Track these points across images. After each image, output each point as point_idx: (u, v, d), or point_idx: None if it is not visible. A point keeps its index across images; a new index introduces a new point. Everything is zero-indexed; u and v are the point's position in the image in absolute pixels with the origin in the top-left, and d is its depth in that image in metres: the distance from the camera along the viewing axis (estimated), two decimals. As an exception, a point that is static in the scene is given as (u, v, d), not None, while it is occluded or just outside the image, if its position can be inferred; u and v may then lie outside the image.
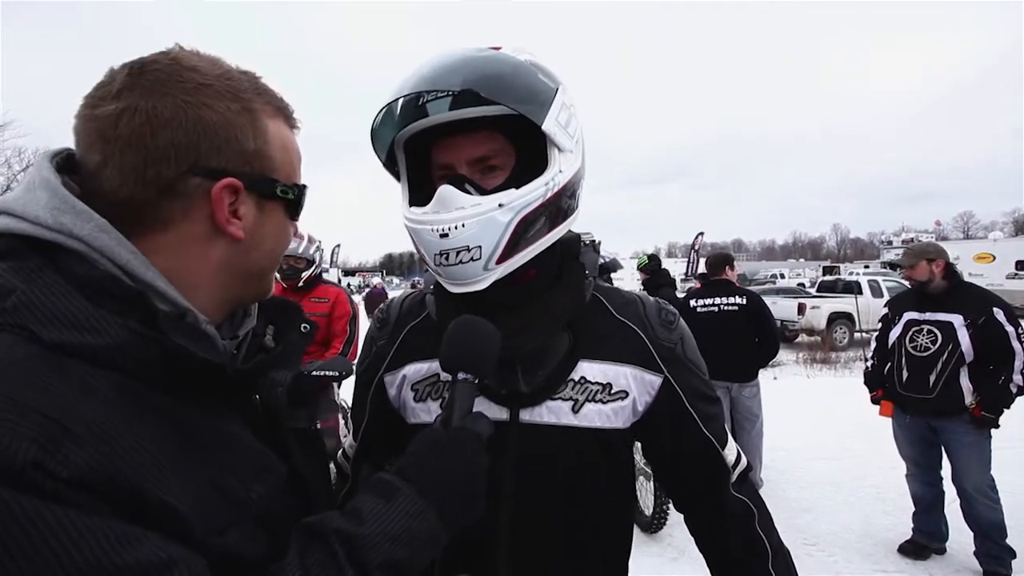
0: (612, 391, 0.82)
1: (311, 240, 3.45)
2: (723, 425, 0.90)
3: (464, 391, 0.70)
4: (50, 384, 0.45)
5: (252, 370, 0.61)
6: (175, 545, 0.46)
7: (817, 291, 14.46)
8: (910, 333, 3.11)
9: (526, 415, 0.80)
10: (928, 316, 3.05)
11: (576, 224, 0.87)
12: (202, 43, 0.61)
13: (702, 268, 5.97)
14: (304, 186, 0.66)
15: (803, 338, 12.28)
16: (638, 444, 0.91)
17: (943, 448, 3.09)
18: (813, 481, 4.30)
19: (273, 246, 0.64)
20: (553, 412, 0.81)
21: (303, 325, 0.75)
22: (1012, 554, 2.93)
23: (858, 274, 16.43)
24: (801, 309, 11.85)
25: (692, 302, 4.08)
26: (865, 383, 3.47)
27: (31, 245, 0.51)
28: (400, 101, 0.79)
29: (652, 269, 5.21)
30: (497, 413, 0.80)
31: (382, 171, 0.89)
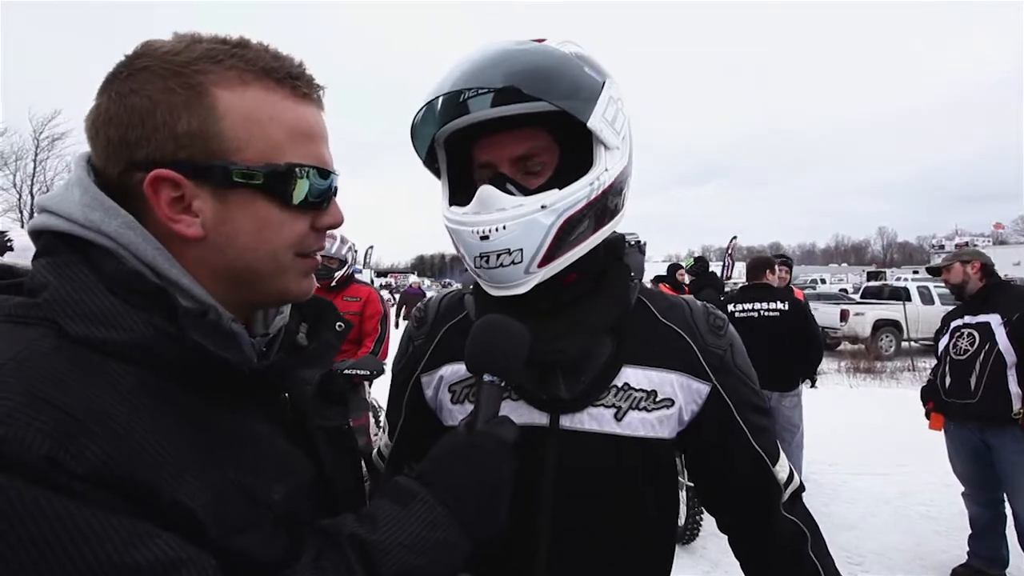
0: (657, 399, 0.78)
1: (343, 240, 3.51)
2: (775, 440, 0.84)
3: (489, 394, 0.67)
4: (70, 379, 0.45)
5: (267, 369, 0.58)
6: (186, 545, 0.45)
7: (861, 297, 13.83)
8: (955, 338, 3.04)
9: (567, 421, 0.77)
10: (968, 319, 3.00)
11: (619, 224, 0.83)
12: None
13: (738, 272, 5.80)
14: (296, 166, 0.55)
15: (846, 346, 11.76)
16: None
17: (998, 461, 2.90)
18: (858, 496, 4.09)
19: (255, 242, 0.55)
20: (595, 419, 0.77)
21: (338, 324, 0.73)
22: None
23: (906, 280, 15.63)
24: (844, 316, 11.35)
25: (730, 307, 3.96)
26: (920, 397, 3.32)
27: (67, 242, 0.52)
28: (441, 98, 0.76)
29: (697, 271, 5.15)
30: (537, 418, 0.78)
31: (413, 173, 0.87)
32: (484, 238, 0.71)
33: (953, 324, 3.09)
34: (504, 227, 0.70)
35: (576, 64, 0.73)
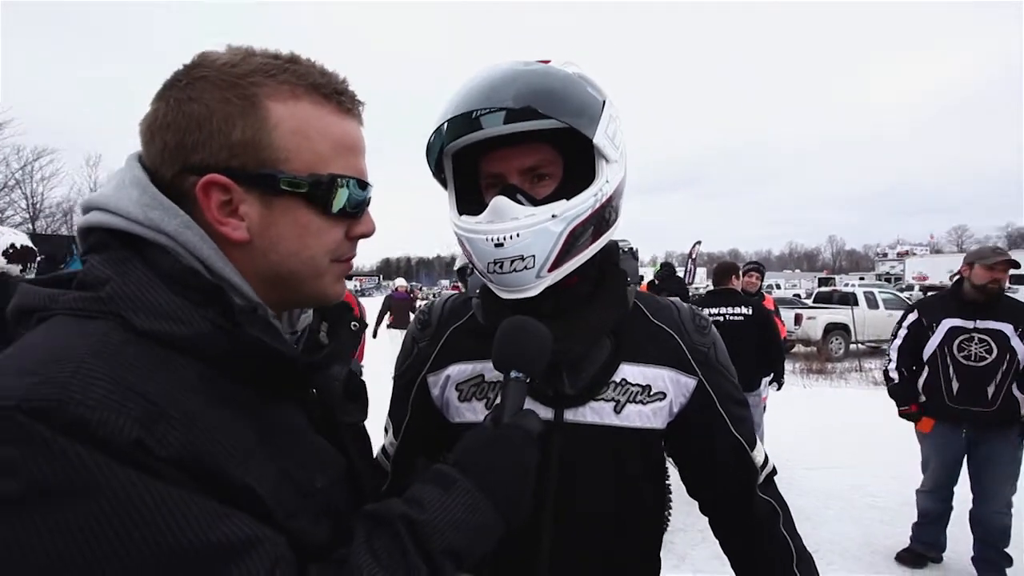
0: (651, 392, 0.86)
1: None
2: (752, 429, 0.94)
3: (516, 389, 0.71)
4: (146, 369, 0.47)
5: (320, 362, 0.62)
6: (259, 524, 0.48)
7: (813, 302, 14.53)
8: (958, 341, 2.93)
9: (570, 415, 0.84)
10: (979, 324, 2.89)
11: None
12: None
13: (699, 277, 6.04)
14: (337, 176, 0.58)
15: (799, 348, 12.35)
16: None
17: (978, 463, 2.99)
18: (811, 490, 4.34)
19: (297, 247, 0.58)
20: (596, 412, 0.84)
21: (352, 323, 0.77)
22: (1009, 561, 2.97)
23: (854, 285, 16.54)
24: (798, 319, 11.92)
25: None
26: (892, 396, 3.24)
27: (119, 239, 0.54)
28: (458, 115, 0.80)
29: (664, 276, 5.36)
30: (543, 413, 0.83)
31: (377, 177, 0.89)
32: (499, 245, 0.76)
33: (950, 324, 2.96)
34: (518, 235, 0.75)
35: (580, 84, 0.78)
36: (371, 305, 11.03)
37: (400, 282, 11.12)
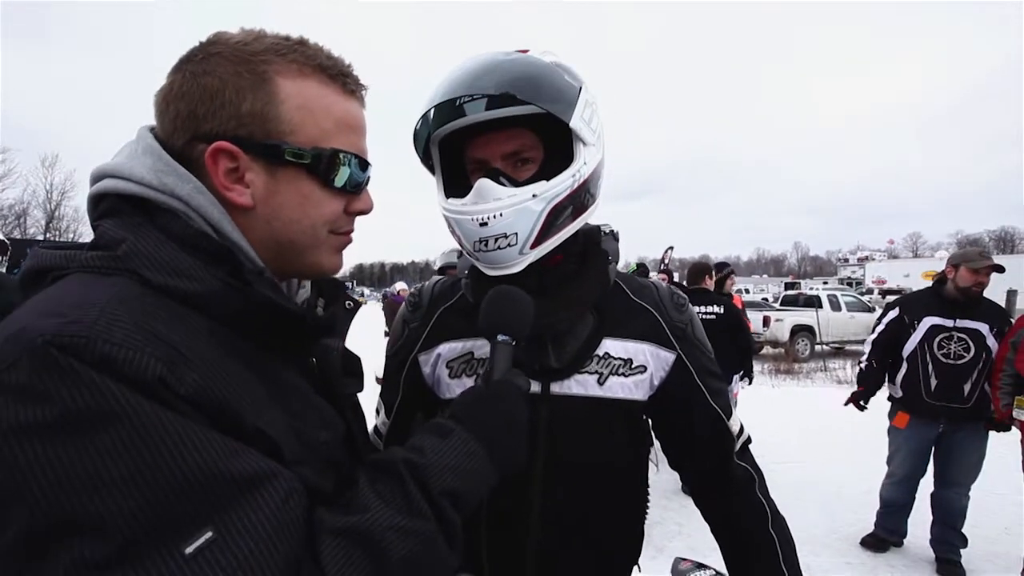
0: (632, 366, 0.91)
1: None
2: (727, 399, 1.00)
3: (503, 351, 0.75)
4: (164, 317, 0.50)
5: (326, 321, 0.64)
6: (272, 462, 0.50)
7: (780, 305, 15.01)
8: (937, 340, 3.04)
9: (556, 388, 0.88)
10: (958, 323, 3.01)
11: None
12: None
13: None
14: (338, 151, 0.61)
15: (768, 350, 12.74)
16: None
17: (944, 452, 3.12)
18: (781, 483, 4.48)
19: (298, 216, 0.60)
20: (581, 384, 0.89)
21: (347, 303, 0.79)
22: (964, 542, 3.15)
23: (818, 289, 17.16)
24: (766, 322, 12.30)
25: None
26: (859, 382, 3.41)
27: (131, 204, 0.56)
28: (443, 103, 0.84)
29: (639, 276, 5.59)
30: (531, 387, 0.87)
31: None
32: (483, 224, 0.80)
33: (931, 322, 3.06)
34: (501, 214, 0.79)
35: (557, 71, 0.82)
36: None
37: (401, 286, 10.77)
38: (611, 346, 0.91)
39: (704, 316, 4.12)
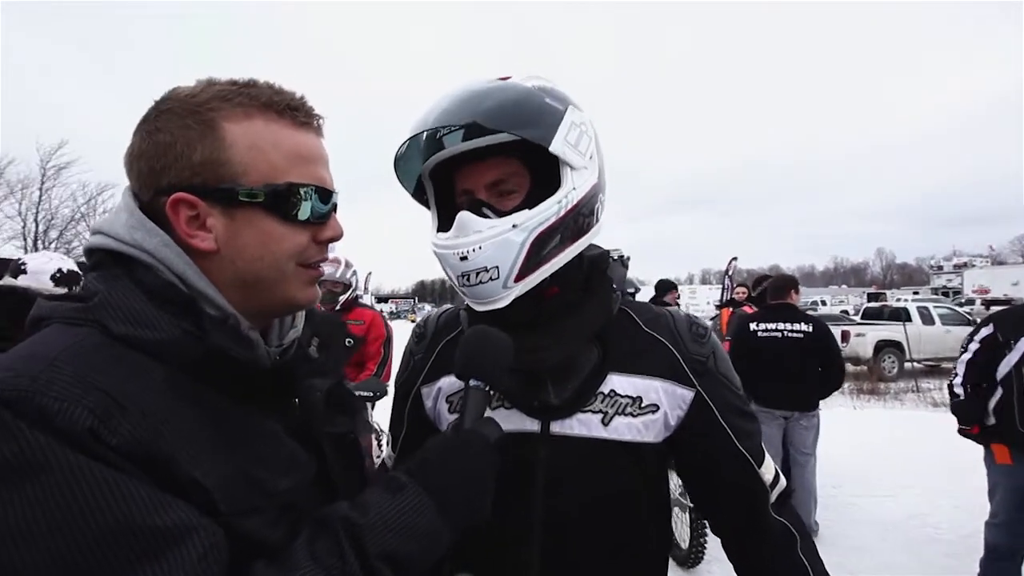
0: (642, 404, 0.82)
1: (348, 265, 3.57)
2: (760, 443, 0.88)
3: (475, 397, 0.72)
4: (111, 368, 0.52)
5: (275, 369, 0.64)
6: (200, 514, 0.51)
7: (862, 318, 13.83)
8: None
9: (556, 427, 0.82)
10: None
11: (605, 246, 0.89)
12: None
13: (738, 292, 5.87)
14: (292, 184, 0.62)
15: (848, 367, 11.72)
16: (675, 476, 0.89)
17: None
18: (864, 519, 4.05)
19: (260, 253, 0.62)
20: (584, 424, 0.81)
21: (348, 340, 0.80)
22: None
23: (906, 300, 15.67)
24: (845, 337, 11.34)
25: (752, 325, 3.90)
26: (955, 413, 2.97)
27: (114, 258, 0.60)
28: (420, 136, 0.84)
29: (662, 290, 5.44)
30: (529, 425, 0.82)
31: (412, 200, 0.94)
32: (463, 259, 0.77)
33: None
34: (480, 247, 0.76)
35: (537, 96, 0.79)
36: (406, 329, 11.11)
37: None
38: (618, 382, 0.83)
39: (790, 334, 3.76)
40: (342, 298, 3.49)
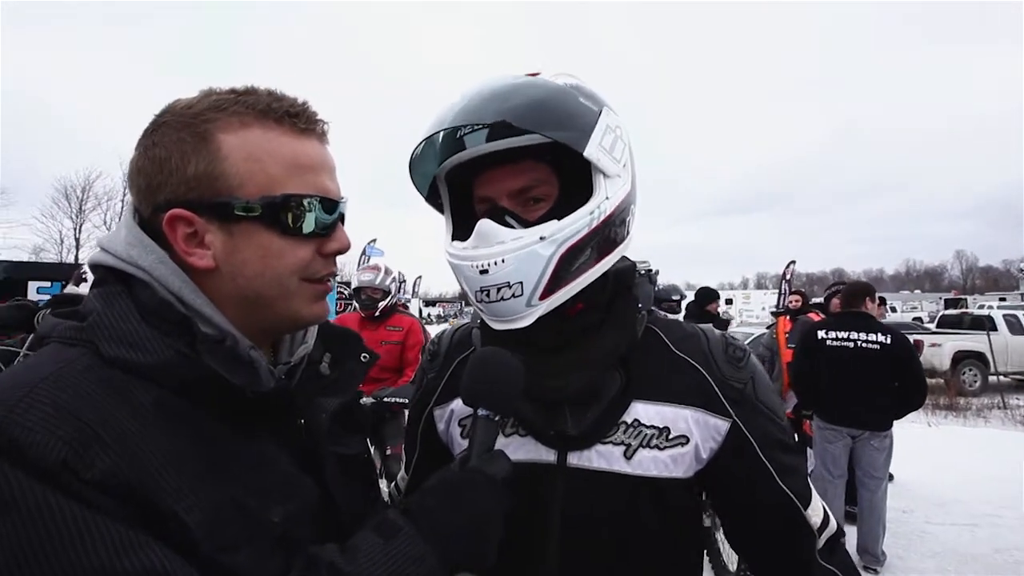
0: (670, 436, 0.74)
1: (387, 271, 3.62)
2: (806, 481, 0.78)
3: (484, 428, 0.67)
4: (95, 395, 0.50)
5: (270, 394, 0.60)
6: (174, 558, 0.48)
7: (937, 326, 12.73)
8: None
9: (574, 459, 0.75)
10: None
11: (645, 254, 0.81)
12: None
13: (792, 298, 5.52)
14: (291, 196, 0.59)
15: (922, 380, 10.80)
16: None
17: None
18: (940, 549, 3.67)
19: (260, 269, 0.59)
20: (604, 457, 0.74)
21: (363, 355, 0.76)
22: None
23: (991, 307, 14.30)
24: (918, 347, 10.46)
25: (821, 333, 3.60)
26: None
27: (115, 274, 0.59)
28: (439, 135, 0.78)
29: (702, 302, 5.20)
30: (545, 455, 0.75)
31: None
32: (484, 272, 0.71)
33: None
34: (503, 260, 0.69)
35: (571, 94, 0.72)
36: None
37: None
38: (642, 411, 0.75)
39: (864, 345, 3.44)
40: (381, 304, 3.55)
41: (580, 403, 0.76)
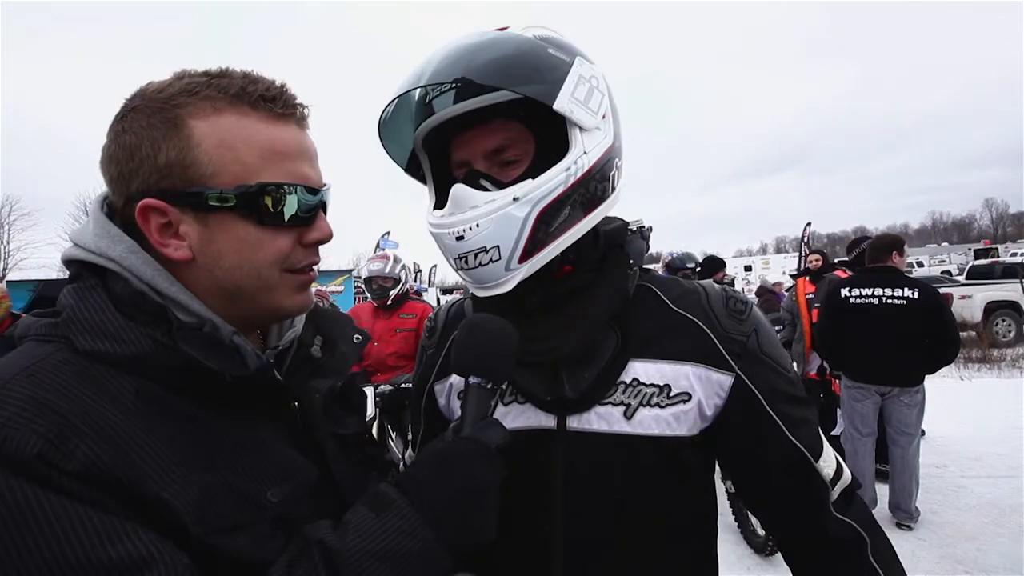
0: (671, 393, 0.72)
1: (396, 260, 3.63)
2: (817, 432, 0.76)
3: (476, 396, 0.66)
4: (72, 387, 0.50)
5: (251, 378, 0.58)
6: (163, 543, 0.47)
7: (967, 278, 12.33)
8: None
9: (574, 422, 0.73)
10: None
11: (668, 221, 0.78)
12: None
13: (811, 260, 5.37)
14: (267, 185, 0.56)
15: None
16: None
17: None
18: (976, 503, 3.60)
19: (238, 261, 0.57)
20: (603, 418, 0.72)
21: (355, 336, 0.75)
22: None
23: (1022, 255, 13.77)
24: (947, 300, 10.17)
25: (844, 291, 3.49)
26: None
27: (88, 268, 0.58)
28: (407, 100, 0.76)
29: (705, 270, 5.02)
30: (544, 421, 0.74)
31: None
32: (460, 238, 0.69)
33: None
34: (478, 225, 0.67)
35: (538, 47, 0.69)
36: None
37: None
38: (641, 370, 0.73)
39: (890, 301, 3.33)
40: (392, 293, 3.56)
41: (576, 364, 0.74)
